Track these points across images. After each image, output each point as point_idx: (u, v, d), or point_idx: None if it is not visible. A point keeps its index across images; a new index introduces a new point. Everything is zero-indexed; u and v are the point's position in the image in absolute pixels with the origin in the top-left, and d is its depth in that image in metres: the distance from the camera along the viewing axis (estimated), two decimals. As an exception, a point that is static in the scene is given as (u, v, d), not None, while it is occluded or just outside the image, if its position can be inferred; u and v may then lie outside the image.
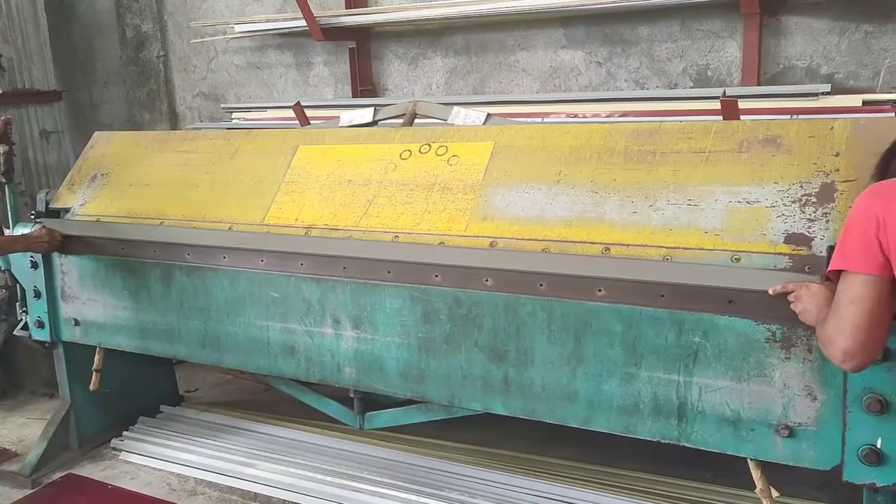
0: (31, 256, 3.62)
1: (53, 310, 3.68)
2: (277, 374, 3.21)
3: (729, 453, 2.36)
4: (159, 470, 3.67)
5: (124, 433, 3.94)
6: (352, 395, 3.20)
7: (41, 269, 3.63)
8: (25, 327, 3.79)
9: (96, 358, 3.71)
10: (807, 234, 2.23)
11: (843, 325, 1.79)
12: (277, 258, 3.05)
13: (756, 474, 2.40)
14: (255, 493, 3.41)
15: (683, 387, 2.36)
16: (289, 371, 3.14)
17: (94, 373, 3.71)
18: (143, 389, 4.12)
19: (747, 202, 2.34)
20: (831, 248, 2.06)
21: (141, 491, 3.51)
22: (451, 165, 2.89)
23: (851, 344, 1.78)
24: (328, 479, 3.39)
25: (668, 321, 2.35)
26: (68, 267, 3.60)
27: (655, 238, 2.41)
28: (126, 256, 3.43)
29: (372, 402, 3.28)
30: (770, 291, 2.11)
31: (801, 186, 2.30)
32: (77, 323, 3.64)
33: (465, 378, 2.73)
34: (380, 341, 2.87)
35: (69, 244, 3.55)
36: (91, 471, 3.72)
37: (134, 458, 3.78)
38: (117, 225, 3.45)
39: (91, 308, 3.58)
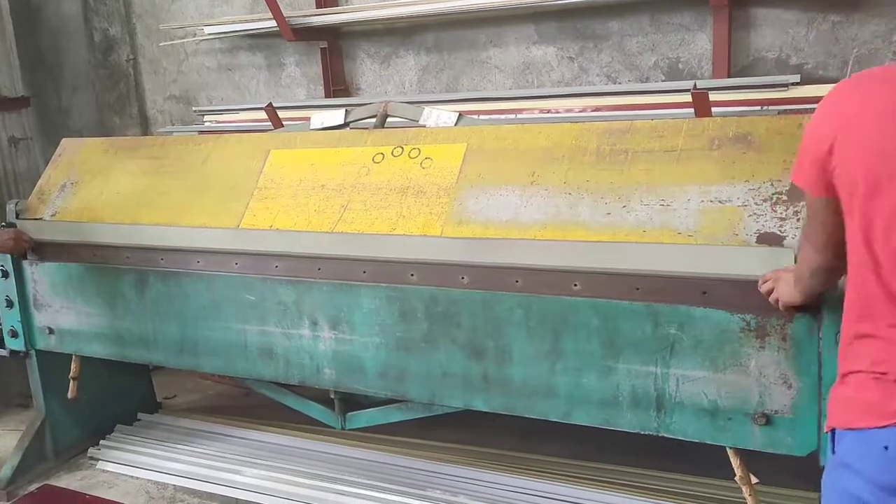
0: (2, 265, 3.57)
1: (27, 319, 3.62)
2: (256, 377, 3.19)
3: (708, 443, 2.38)
4: (137, 478, 3.63)
5: (101, 442, 3.89)
6: (332, 397, 3.19)
7: (12, 278, 3.58)
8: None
9: (73, 366, 3.66)
10: (778, 232, 2.24)
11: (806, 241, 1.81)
12: (252, 261, 3.02)
13: (735, 462, 2.42)
14: (236, 498, 3.39)
15: (661, 378, 2.37)
16: (268, 374, 3.11)
17: (71, 381, 3.67)
18: (119, 397, 4.07)
19: (719, 201, 2.35)
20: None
21: (119, 500, 3.47)
22: (424, 168, 2.87)
23: (811, 254, 1.79)
24: (310, 482, 3.38)
25: (644, 314, 2.36)
26: (39, 275, 3.54)
27: (630, 240, 2.41)
28: (99, 263, 3.39)
29: (353, 402, 3.27)
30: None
31: (772, 185, 2.31)
32: (51, 331, 3.58)
33: (444, 376, 2.72)
34: (358, 341, 2.85)
35: (40, 250, 3.50)
36: (68, 481, 3.68)
37: (111, 467, 3.74)
38: (87, 226, 3.40)
39: (65, 316, 3.53)
